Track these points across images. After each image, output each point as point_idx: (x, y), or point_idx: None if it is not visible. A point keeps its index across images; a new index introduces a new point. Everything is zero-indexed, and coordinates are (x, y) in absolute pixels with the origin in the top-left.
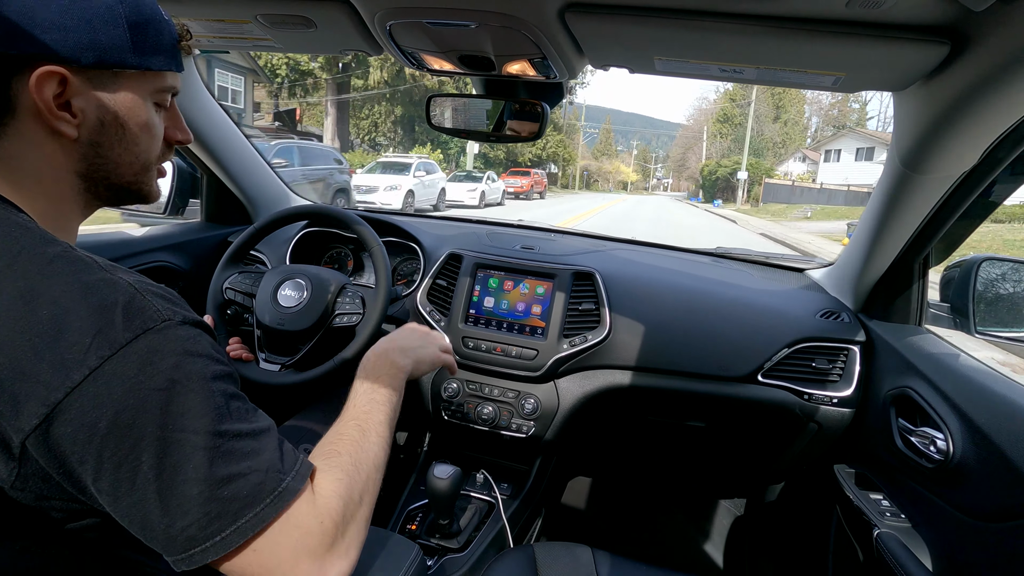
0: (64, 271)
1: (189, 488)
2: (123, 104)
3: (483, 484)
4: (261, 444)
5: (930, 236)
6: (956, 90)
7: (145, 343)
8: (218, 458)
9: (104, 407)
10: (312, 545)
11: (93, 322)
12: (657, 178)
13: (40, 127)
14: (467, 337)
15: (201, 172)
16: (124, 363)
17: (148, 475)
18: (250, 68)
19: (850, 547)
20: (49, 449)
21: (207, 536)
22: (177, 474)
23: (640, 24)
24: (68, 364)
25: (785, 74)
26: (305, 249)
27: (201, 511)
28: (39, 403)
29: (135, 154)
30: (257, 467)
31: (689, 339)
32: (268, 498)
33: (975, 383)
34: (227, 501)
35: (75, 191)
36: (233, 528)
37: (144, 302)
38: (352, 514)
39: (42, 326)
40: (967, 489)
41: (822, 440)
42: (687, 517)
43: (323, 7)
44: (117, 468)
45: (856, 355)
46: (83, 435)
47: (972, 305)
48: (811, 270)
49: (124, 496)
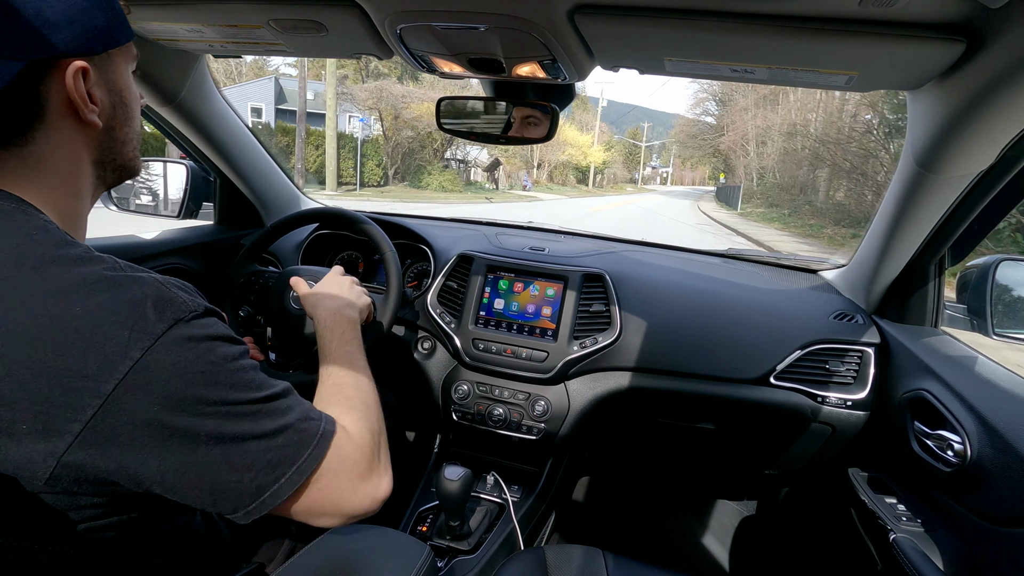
0: (91, 271)
1: (249, 445)
2: (121, 82)
3: (493, 486)
4: (292, 401)
5: (946, 237)
6: (972, 89)
7: (178, 332)
8: (264, 417)
9: (154, 393)
10: (361, 471)
11: (127, 316)
12: (652, 167)
13: (69, 124)
14: (478, 339)
15: (214, 176)
16: (164, 352)
17: (210, 444)
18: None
19: (865, 551)
20: (104, 439)
21: (274, 480)
22: (236, 437)
23: (650, 25)
24: (111, 357)
25: (797, 74)
26: (316, 251)
27: (263, 461)
28: (91, 395)
29: (134, 128)
30: (298, 417)
31: (700, 341)
32: (315, 440)
33: (993, 385)
34: (283, 448)
35: (89, 181)
36: (294, 469)
37: (171, 295)
38: (378, 441)
39: (79, 322)
40: (984, 493)
41: (835, 443)
42: (697, 519)
43: (334, 12)
44: (181, 444)
45: (871, 357)
46: (140, 420)
47: (990, 306)
48: (824, 271)
49: (192, 467)
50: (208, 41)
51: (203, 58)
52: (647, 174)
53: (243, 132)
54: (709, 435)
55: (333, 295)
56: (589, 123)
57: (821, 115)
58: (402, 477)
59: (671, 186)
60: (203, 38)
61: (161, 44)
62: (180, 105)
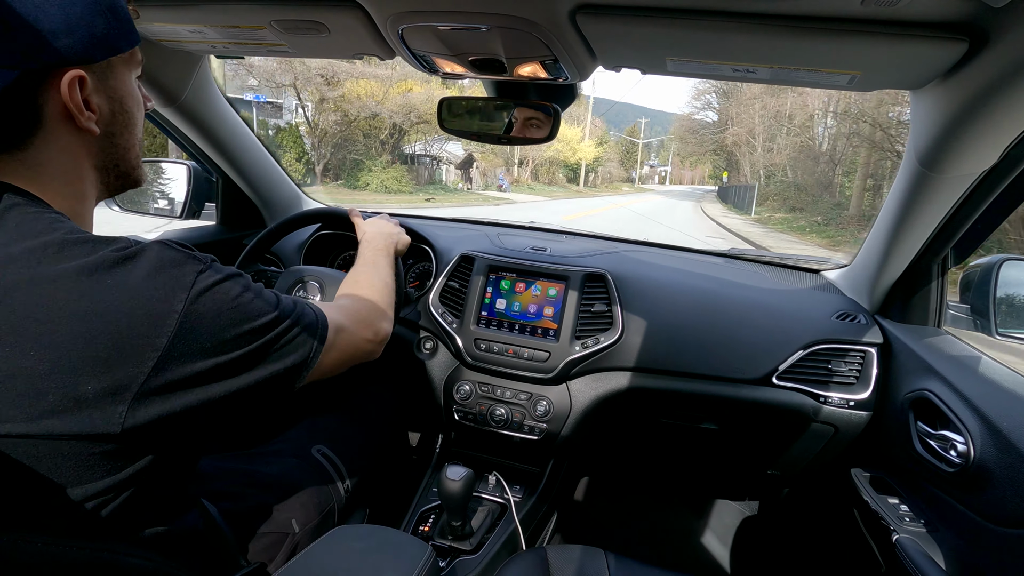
0: (109, 249)
1: (292, 335)
2: (122, 89)
3: (495, 486)
4: (300, 300)
5: (949, 236)
6: (975, 88)
7: (204, 280)
8: (296, 313)
9: (204, 331)
10: (372, 323)
11: (156, 278)
12: (650, 165)
13: (66, 131)
14: (479, 339)
15: (216, 176)
16: (200, 299)
17: (264, 348)
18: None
19: (868, 552)
20: (168, 384)
21: (316, 348)
22: (279, 338)
23: (652, 25)
24: (158, 314)
25: (799, 73)
26: (319, 252)
27: (304, 339)
28: (150, 349)
29: (135, 135)
30: (313, 306)
31: (702, 341)
32: (323, 317)
33: (996, 385)
34: (312, 329)
35: (92, 186)
36: (320, 338)
37: (181, 252)
38: (387, 303)
39: (116, 292)
40: (987, 494)
41: (838, 443)
42: (700, 519)
43: (336, 12)
44: (232, 373)
45: (873, 357)
46: (195, 362)
47: (993, 306)
48: (827, 271)
49: (257, 369)
50: (211, 42)
51: (206, 59)
52: (645, 173)
53: (245, 133)
54: (711, 435)
55: (382, 227)
56: (580, 116)
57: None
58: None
59: (670, 185)
60: (206, 39)
61: (164, 45)
62: (183, 106)
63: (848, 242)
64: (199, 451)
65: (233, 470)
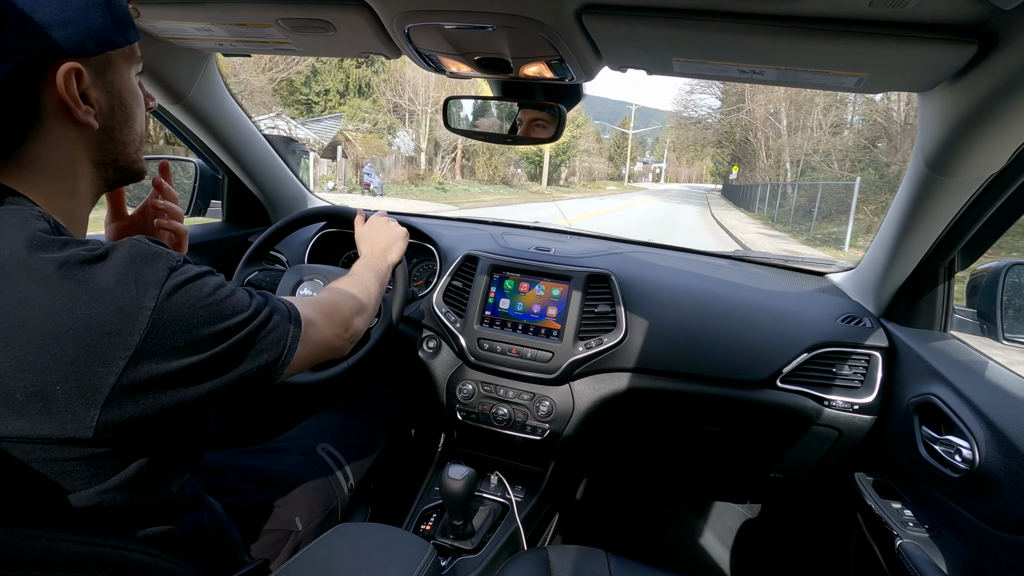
0: (80, 246)
1: (266, 332)
2: (121, 84)
3: (497, 486)
4: (271, 296)
5: (956, 240)
6: (984, 91)
7: (176, 277)
8: (269, 309)
9: (178, 329)
10: (344, 319)
11: (128, 275)
12: (643, 162)
13: (63, 124)
14: (483, 339)
15: (222, 174)
16: (172, 296)
17: (239, 345)
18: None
19: (871, 557)
20: (141, 383)
21: (291, 344)
22: (254, 335)
23: (658, 25)
24: (129, 311)
25: (806, 75)
26: (323, 250)
27: (278, 336)
28: (122, 348)
29: (135, 130)
30: (285, 301)
31: (706, 342)
32: (295, 311)
33: (1003, 391)
34: (285, 325)
35: (89, 181)
36: (293, 336)
37: (153, 249)
38: (365, 306)
39: (86, 287)
40: (993, 499)
41: (842, 447)
42: (702, 521)
43: (342, 11)
44: (208, 370)
45: (878, 361)
46: (169, 360)
47: (1000, 311)
48: (832, 274)
49: (221, 379)
50: (217, 40)
51: (212, 56)
52: (637, 170)
53: (252, 131)
54: (714, 437)
55: (381, 239)
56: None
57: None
58: (406, 476)
59: (665, 183)
60: (212, 37)
61: (171, 42)
62: (190, 103)
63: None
64: (198, 451)
65: (239, 465)
